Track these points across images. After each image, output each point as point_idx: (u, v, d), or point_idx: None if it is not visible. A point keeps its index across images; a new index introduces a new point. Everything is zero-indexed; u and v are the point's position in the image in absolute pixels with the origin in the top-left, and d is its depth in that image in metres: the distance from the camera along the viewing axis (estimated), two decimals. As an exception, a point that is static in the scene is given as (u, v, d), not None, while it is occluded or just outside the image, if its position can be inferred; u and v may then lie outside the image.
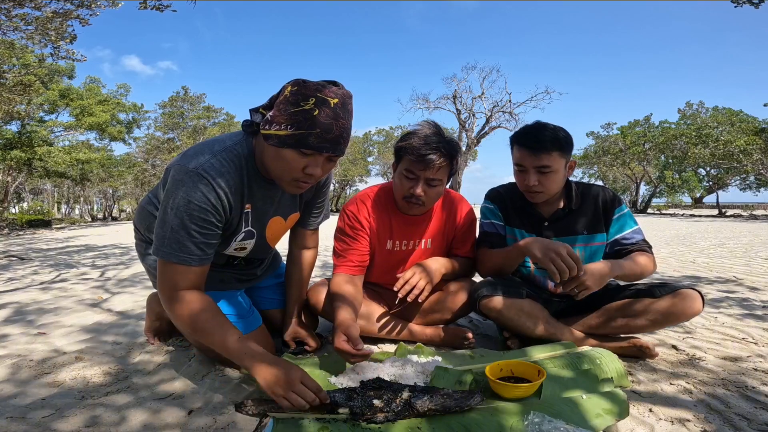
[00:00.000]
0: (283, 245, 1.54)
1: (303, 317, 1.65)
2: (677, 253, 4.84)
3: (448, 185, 1.64)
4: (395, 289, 1.50)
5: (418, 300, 1.51)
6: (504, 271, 1.63)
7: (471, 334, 1.61)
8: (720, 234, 8.08)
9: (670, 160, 25.85)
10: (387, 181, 1.75)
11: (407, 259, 1.68)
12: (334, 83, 1.11)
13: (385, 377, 1.22)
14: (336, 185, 33.65)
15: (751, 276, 3.23)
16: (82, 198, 31.36)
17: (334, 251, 1.65)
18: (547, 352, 1.40)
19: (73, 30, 5.89)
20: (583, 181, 1.68)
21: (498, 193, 1.73)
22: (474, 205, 1.82)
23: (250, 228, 1.29)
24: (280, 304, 1.63)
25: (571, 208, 1.60)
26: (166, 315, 1.62)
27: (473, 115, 20.95)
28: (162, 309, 1.64)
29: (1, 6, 5.34)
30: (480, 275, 1.73)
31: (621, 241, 1.57)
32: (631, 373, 1.36)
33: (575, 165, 1.61)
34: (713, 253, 4.88)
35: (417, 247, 1.68)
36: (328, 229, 2.57)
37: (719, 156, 18.00)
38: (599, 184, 1.67)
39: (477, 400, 1.06)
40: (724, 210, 21.30)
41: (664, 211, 25.70)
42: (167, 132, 25.56)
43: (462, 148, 20.07)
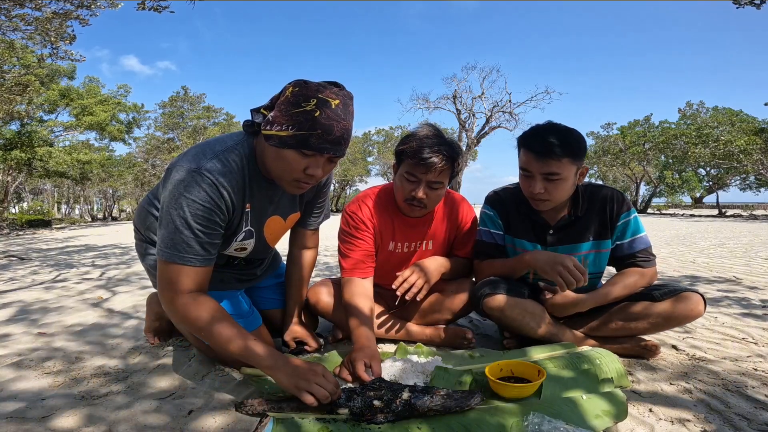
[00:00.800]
0: (283, 245, 1.54)
1: (303, 317, 1.65)
2: (677, 253, 4.85)
3: (449, 186, 1.64)
4: (393, 287, 1.51)
5: (417, 299, 1.51)
6: None
7: (471, 334, 1.61)
8: (720, 234, 8.08)
9: (670, 160, 25.87)
10: (387, 181, 1.74)
11: (408, 260, 1.68)
12: (336, 84, 1.11)
13: (385, 377, 1.22)
14: (336, 185, 33.66)
15: (751, 276, 3.23)
16: (82, 198, 31.35)
17: (341, 253, 1.62)
18: (547, 352, 1.40)
19: (72, 30, 5.90)
20: (588, 182, 1.59)
21: (499, 198, 1.63)
22: (474, 206, 1.81)
23: (249, 228, 1.29)
24: (280, 304, 1.63)
25: (577, 215, 1.51)
26: (166, 315, 1.63)
27: (473, 115, 20.98)
28: (162, 309, 1.64)
29: (1, 6, 5.34)
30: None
31: (622, 248, 1.52)
32: (631, 373, 1.36)
33: (587, 171, 1.49)
34: (713, 253, 4.88)
35: (418, 248, 1.67)
36: (329, 229, 2.57)
37: (719, 156, 17.99)
38: (609, 186, 1.56)
39: (477, 400, 1.06)
40: (724, 210, 21.29)
41: (664, 211, 25.70)
42: (167, 132, 25.55)
43: (462, 148, 20.06)
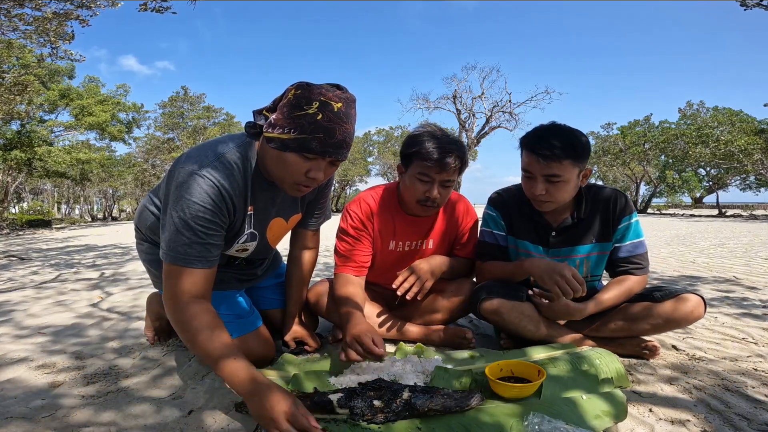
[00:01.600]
0: (284, 246, 1.54)
1: (303, 317, 1.65)
2: (677, 253, 4.85)
3: None
4: (394, 286, 1.52)
5: (417, 298, 1.52)
6: None
7: (471, 334, 1.61)
8: (720, 234, 8.08)
9: (670, 160, 25.85)
10: (387, 181, 1.75)
11: (409, 259, 1.68)
12: (338, 87, 1.10)
13: (385, 377, 1.22)
14: (336, 185, 33.66)
15: (751, 276, 3.23)
16: (82, 198, 31.35)
17: (336, 251, 1.65)
18: (547, 352, 1.40)
19: (72, 30, 5.89)
20: (592, 183, 1.58)
21: (502, 199, 1.63)
22: (474, 206, 1.81)
23: (252, 230, 1.29)
24: (281, 304, 1.63)
25: (580, 217, 1.50)
26: (166, 315, 1.63)
27: (473, 115, 20.96)
28: (162, 309, 1.64)
29: (0, 6, 5.34)
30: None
31: (619, 251, 1.52)
32: (631, 373, 1.36)
33: (590, 173, 1.47)
34: (713, 253, 4.88)
35: (419, 247, 1.68)
36: (329, 229, 2.57)
37: (719, 156, 17.99)
38: (612, 188, 1.55)
39: (477, 400, 1.06)
40: (724, 210, 21.29)
41: (664, 211, 25.70)
42: (167, 132, 25.55)
43: (462, 147, 20.06)
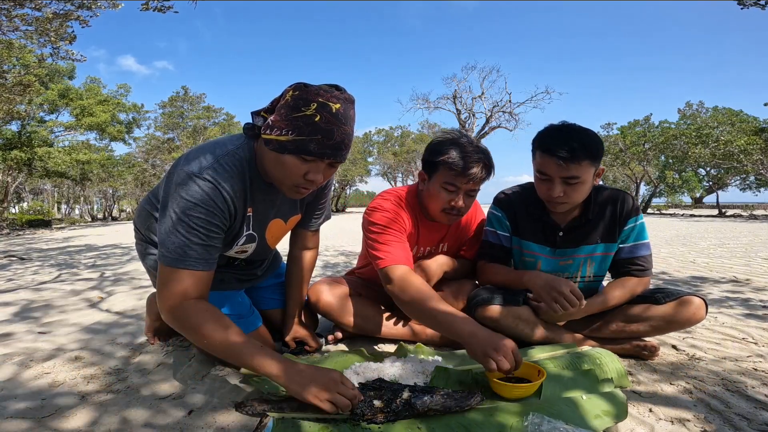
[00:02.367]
0: (284, 246, 1.54)
1: (303, 317, 1.65)
2: (677, 253, 4.84)
3: None
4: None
5: None
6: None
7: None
8: (720, 234, 8.08)
9: (670, 160, 25.86)
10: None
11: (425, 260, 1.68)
12: (337, 87, 1.09)
13: (385, 377, 1.22)
14: (336, 185, 33.66)
15: (751, 276, 3.23)
16: (82, 198, 31.35)
17: (374, 247, 1.48)
18: (547, 352, 1.40)
19: (72, 31, 5.90)
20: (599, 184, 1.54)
21: (508, 199, 1.61)
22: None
23: (251, 231, 1.29)
24: (281, 304, 1.63)
25: (588, 218, 1.49)
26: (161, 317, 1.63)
27: (473, 115, 20.97)
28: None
29: (0, 6, 5.34)
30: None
31: (623, 252, 1.51)
32: (631, 373, 1.36)
33: (603, 172, 1.47)
34: (713, 253, 4.88)
35: (435, 251, 1.69)
36: (329, 229, 2.56)
37: (719, 156, 17.99)
38: (618, 189, 1.54)
39: (477, 400, 1.06)
40: (724, 210, 21.28)
41: (664, 211, 25.68)
42: (167, 132, 25.55)
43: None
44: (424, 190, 1.54)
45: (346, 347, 1.65)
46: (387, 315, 1.67)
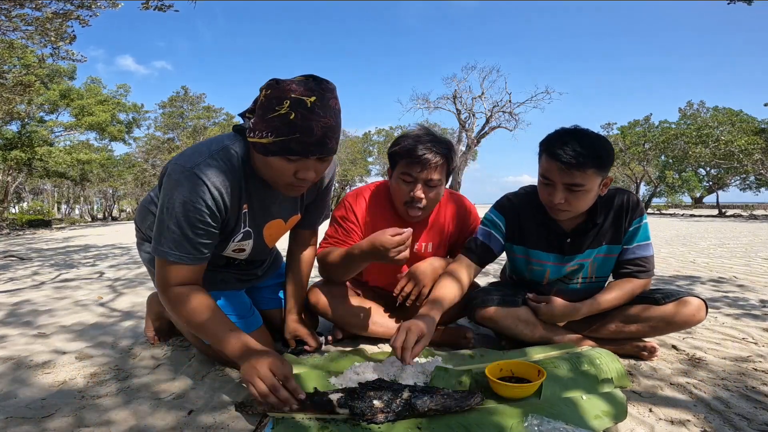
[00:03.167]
0: (283, 245, 1.54)
1: (303, 317, 1.65)
2: (677, 253, 4.84)
3: (448, 185, 1.64)
4: (395, 294, 1.53)
5: (417, 303, 1.51)
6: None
7: (471, 334, 1.61)
8: (720, 234, 8.08)
9: (670, 160, 25.87)
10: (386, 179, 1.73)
11: (408, 262, 1.67)
12: (313, 78, 1.04)
13: (385, 377, 1.22)
14: (336, 185, 33.68)
15: (751, 276, 3.23)
16: (82, 198, 31.37)
17: (326, 237, 1.64)
18: (547, 352, 1.40)
19: (72, 31, 5.90)
20: None
21: (512, 206, 1.54)
22: (474, 206, 1.80)
23: (247, 228, 1.29)
24: (281, 304, 1.62)
25: (595, 222, 1.44)
26: (167, 315, 1.63)
27: (473, 115, 20.96)
28: (162, 309, 1.64)
29: (1, 6, 5.34)
30: None
31: (625, 252, 1.48)
32: (631, 373, 1.36)
33: (611, 182, 1.40)
34: (713, 253, 4.88)
35: (416, 249, 1.67)
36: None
37: (719, 156, 18.00)
38: (623, 189, 1.49)
39: (477, 400, 1.06)
40: (724, 210, 21.28)
41: (664, 211, 25.69)
42: (167, 132, 25.56)
43: (462, 148, 20.04)
44: (390, 185, 1.59)
45: (346, 347, 1.65)
46: (387, 315, 1.67)
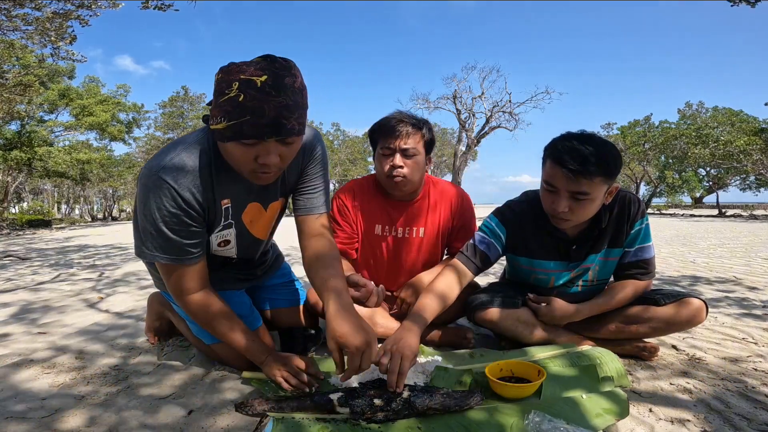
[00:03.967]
0: (285, 244, 1.53)
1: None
2: (677, 253, 4.85)
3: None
4: (395, 307, 1.60)
5: None
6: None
7: (471, 334, 1.61)
8: (720, 234, 8.08)
9: (670, 160, 25.88)
10: None
11: (402, 249, 1.70)
12: (265, 58, 0.99)
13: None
14: (336, 185, 33.67)
15: (751, 276, 3.23)
16: (82, 198, 31.37)
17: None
18: (547, 351, 1.40)
19: (72, 30, 5.90)
20: None
21: (513, 215, 1.49)
22: (474, 206, 1.80)
23: (230, 220, 1.26)
24: (282, 304, 1.62)
25: (600, 227, 1.41)
26: (167, 315, 1.63)
27: (473, 115, 20.92)
28: (162, 309, 1.64)
29: (1, 6, 5.34)
30: None
31: (627, 255, 1.47)
32: (631, 373, 1.36)
33: (616, 191, 1.36)
34: (713, 253, 4.88)
35: (408, 234, 1.69)
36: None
37: (719, 156, 18.00)
38: (624, 190, 1.44)
39: (477, 399, 1.06)
40: (724, 210, 21.29)
41: (664, 211, 25.70)
42: (167, 132, 25.56)
43: (462, 148, 20.05)
44: (375, 167, 1.67)
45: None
46: (388, 315, 1.67)
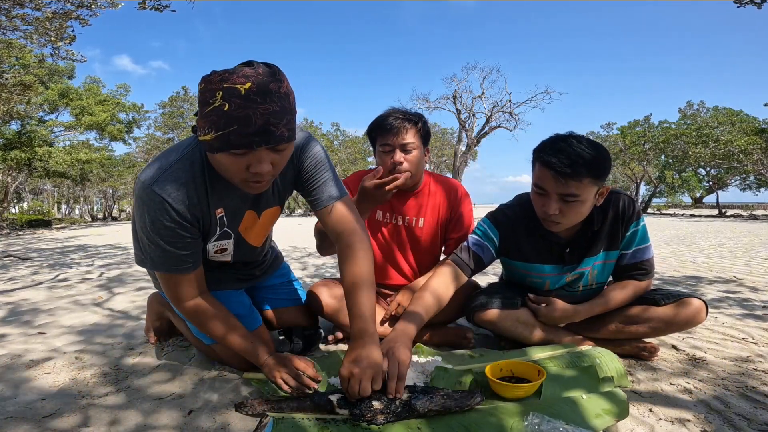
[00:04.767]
0: (286, 244, 1.53)
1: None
2: (677, 253, 4.84)
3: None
4: (390, 311, 1.61)
5: None
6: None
7: (471, 334, 1.61)
8: (720, 234, 8.08)
9: (670, 160, 25.86)
10: None
11: (401, 239, 1.73)
12: (248, 64, 0.97)
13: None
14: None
15: (751, 276, 3.23)
16: (82, 198, 31.36)
17: None
18: (547, 351, 1.40)
19: (72, 30, 5.89)
20: None
21: (506, 219, 1.50)
22: (474, 206, 1.81)
23: (225, 229, 1.25)
24: (281, 304, 1.62)
25: (593, 229, 1.40)
26: (167, 315, 1.63)
27: (473, 115, 20.90)
28: (162, 309, 1.64)
29: (0, 6, 5.34)
30: None
31: (625, 257, 1.46)
32: (631, 373, 1.36)
33: (608, 192, 1.36)
34: (713, 253, 4.88)
35: (408, 223, 1.72)
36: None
37: (719, 156, 18.00)
38: (618, 191, 1.44)
39: (477, 400, 1.06)
40: (724, 210, 21.29)
41: (664, 211, 25.70)
42: (167, 132, 25.57)
43: (462, 148, 20.05)
44: (376, 164, 1.70)
45: (346, 348, 1.65)
46: (386, 314, 1.67)
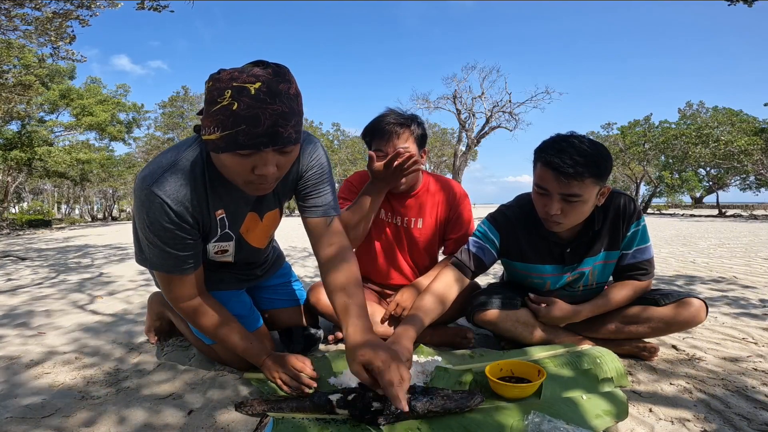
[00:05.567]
0: (287, 244, 1.53)
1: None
2: (677, 253, 4.84)
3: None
4: (389, 311, 1.60)
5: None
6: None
7: (471, 334, 1.61)
8: (720, 234, 8.08)
9: (670, 160, 25.85)
10: None
11: (401, 239, 1.74)
12: (257, 63, 0.95)
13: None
14: (336, 185, 33.62)
15: (751, 276, 3.23)
16: (82, 198, 31.36)
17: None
18: (547, 351, 1.40)
19: (72, 30, 5.89)
20: None
21: (506, 220, 1.49)
22: (474, 206, 1.81)
23: (226, 231, 1.24)
24: (282, 304, 1.62)
25: (594, 229, 1.40)
26: (167, 315, 1.63)
27: (473, 115, 20.89)
28: (162, 309, 1.64)
29: (0, 6, 5.34)
30: None
31: (625, 257, 1.45)
32: (631, 373, 1.36)
33: (609, 192, 1.35)
34: (713, 253, 4.88)
35: (407, 224, 1.72)
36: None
37: (719, 156, 17.99)
38: (619, 191, 1.43)
39: (477, 401, 1.06)
40: (724, 210, 21.28)
41: (664, 211, 25.70)
42: (167, 132, 25.57)
43: (462, 148, 20.05)
44: None
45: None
46: (386, 314, 1.67)
